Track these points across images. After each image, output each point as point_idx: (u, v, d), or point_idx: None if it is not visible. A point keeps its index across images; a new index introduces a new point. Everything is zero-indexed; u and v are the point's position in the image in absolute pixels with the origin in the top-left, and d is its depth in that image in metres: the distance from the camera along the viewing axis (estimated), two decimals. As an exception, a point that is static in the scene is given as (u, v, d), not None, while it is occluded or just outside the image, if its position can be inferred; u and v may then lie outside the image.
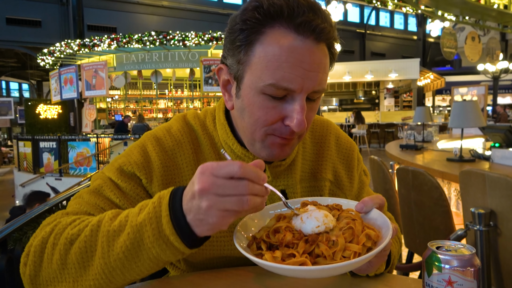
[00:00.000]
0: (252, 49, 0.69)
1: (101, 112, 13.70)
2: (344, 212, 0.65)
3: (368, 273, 0.71)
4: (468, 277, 0.54)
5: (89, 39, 10.22)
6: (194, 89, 13.05)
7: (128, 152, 0.81)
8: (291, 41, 0.66)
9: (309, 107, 0.72)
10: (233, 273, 0.77)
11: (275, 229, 0.62)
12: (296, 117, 0.68)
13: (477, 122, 2.77)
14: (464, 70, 19.54)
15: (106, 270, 0.60)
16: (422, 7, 9.60)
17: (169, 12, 17.99)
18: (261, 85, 0.68)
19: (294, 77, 0.66)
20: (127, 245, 0.58)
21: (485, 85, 7.90)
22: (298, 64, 0.66)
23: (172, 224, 0.56)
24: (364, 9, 22.85)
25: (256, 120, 0.72)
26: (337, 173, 0.90)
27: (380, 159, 2.53)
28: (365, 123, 12.69)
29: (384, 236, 0.60)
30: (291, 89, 0.67)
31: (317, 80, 0.68)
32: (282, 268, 0.54)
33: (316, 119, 0.94)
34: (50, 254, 0.63)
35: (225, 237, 0.80)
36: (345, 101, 20.29)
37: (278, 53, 0.66)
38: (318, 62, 0.68)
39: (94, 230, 0.62)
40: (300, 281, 0.72)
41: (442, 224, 1.92)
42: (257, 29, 0.68)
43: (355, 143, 0.96)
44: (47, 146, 9.70)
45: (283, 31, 0.66)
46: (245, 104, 0.73)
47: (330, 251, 0.57)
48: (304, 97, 0.69)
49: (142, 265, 0.59)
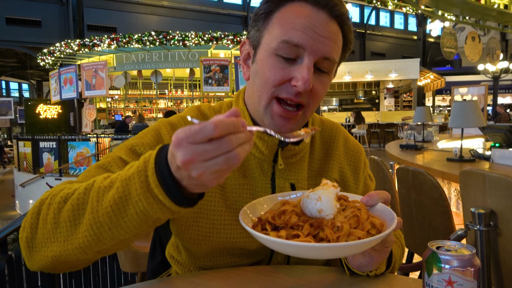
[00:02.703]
0: (271, 16, 0.75)
1: (101, 112, 13.70)
2: (351, 203, 0.66)
3: (368, 269, 0.71)
4: (468, 277, 0.54)
5: (89, 39, 10.22)
6: (194, 89, 13.04)
7: (142, 134, 0.83)
8: (306, 10, 0.72)
9: (318, 79, 0.74)
10: (233, 273, 0.77)
11: (281, 211, 0.63)
12: (302, 75, 0.70)
13: (477, 122, 2.77)
14: (464, 70, 19.52)
15: (94, 226, 0.59)
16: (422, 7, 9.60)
17: (169, 12, 17.98)
18: (274, 45, 0.73)
19: (306, 36, 0.71)
20: (115, 199, 0.57)
21: (485, 85, 7.90)
22: (310, 27, 0.71)
23: (157, 176, 0.54)
24: (364, 9, 22.84)
25: (265, 80, 0.74)
26: (343, 173, 0.92)
27: (380, 159, 2.53)
28: (365, 123, 12.70)
29: (389, 225, 0.60)
30: (302, 45, 0.70)
31: (328, 47, 0.72)
32: (286, 244, 0.54)
33: (325, 121, 0.97)
34: (45, 214, 0.63)
35: (231, 225, 0.80)
36: (345, 101, 20.29)
37: (293, 17, 0.72)
38: (330, 31, 0.72)
39: (88, 189, 0.62)
40: (301, 281, 0.72)
41: (442, 224, 1.92)
42: (279, 2, 0.75)
43: (362, 147, 0.98)
44: (47, 146, 9.70)
45: (301, 4, 0.73)
46: (258, 67, 0.76)
47: (334, 235, 0.58)
48: (313, 61, 0.72)
49: (129, 220, 0.57)
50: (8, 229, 1.91)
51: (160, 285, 0.74)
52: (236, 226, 0.80)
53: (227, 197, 0.81)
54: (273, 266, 0.81)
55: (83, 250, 0.61)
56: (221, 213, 0.80)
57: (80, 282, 2.47)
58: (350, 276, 0.75)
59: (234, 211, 0.81)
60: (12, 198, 11.10)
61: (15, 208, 10.68)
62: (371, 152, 12.00)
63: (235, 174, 0.82)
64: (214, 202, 0.80)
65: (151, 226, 0.61)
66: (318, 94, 0.76)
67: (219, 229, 0.80)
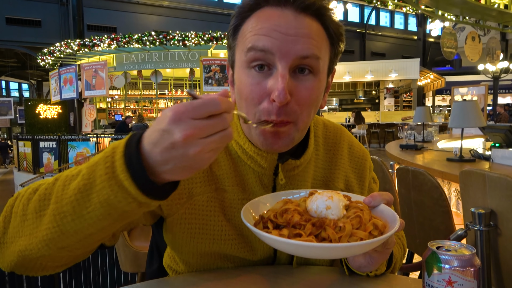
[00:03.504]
0: (238, 30, 0.72)
1: (101, 112, 13.70)
2: (353, 203, 0.66)
3: (369, 270, 0.71)
4: (468, 277, 0.54)
5: (89, 39, 10.23)
6: (194, 89, 13.05)
7: None
8: (269, 13, 0.68)
9: (301, 84, 0.68)
10: (233, 274, 0.77)
11: (283, 210, 0.62)
12: (276, 86, 0.65)
13: (477, 122, 2.77)
14: (464, 70, 19.52)
15: (58, 217, 0.55)
16: (422, 7, 9.60)
17: (169, 12, 17.99)
18: (243, 57, 0.69)
19: (270, 39, 0.66)
20: (79, 187, 0.53)
21: (485, 85, 7.90)
22: (274, 29, 0.66)
23: (124, 160, 0.51)
24: (364, 9, 22.84)
25: (245, 100, 0.70)
26: (349, 182, 0.88)
27: (380, 159, 2.53)
28: (365, 123, 12.70)
29: (391, 228, 0.60)
30: (268, 49, 0.65)
31: (301, 44, 0.66)
32: (288, 243, 0.54)
33: (329, 125, 0.92)
34: (16, 206, 0.61)
35: (232, 240, 0.78)
36: (345, 101, 20.30)
37: (257, 23, 0.68)
38: (299, 27, 0.66)
39: (57, 178, 0.59)
40: (301, 281, 0.72)
41: (442, 224, 1.92)
42: (245, 15, 0.71)
43: (367, 151, 0.94)
44: (47, 146, 9.70)
45: (264, 10, 0.69)
46: (237, 86, 0.73)
47: (336, 235, 0.57)
48: (287, 65, 0.66)
49: (93, 211, 0.53)
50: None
51: (160, 285, 0.74)
52: (237, 240, 0.78)
53: (226, 211, 0.78)
54: (273, 266, 0.80)
55: (47, 244, 0.57)
56: (222, 228, 0.77)
57: (80, 282, 2.47)
58: (350, 276, 0.75)
59: (234, 225, 0.78)
60: (12, 198, 11.09)
61: (15, 208, 10.67)
62: (371, 152, 11.96)
63: (234, 189, 0.78)
64: (214, 217, 0.77)
65: (117, 221, 0.56)
66: (305, 101, 0.69)
67: (220, 244, 0.77)
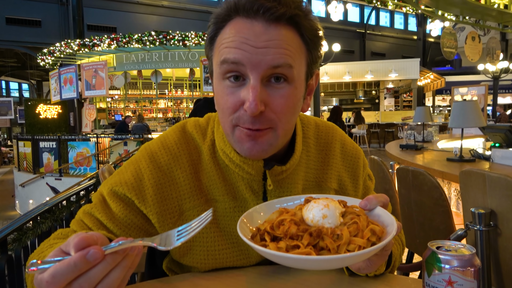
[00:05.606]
0: (214, 41, 0.73)
1: (101, 112, 13.70)
2: (349, 208, 0.65)
3: (368, 272, 0.71)
4: (468, 277, 0.54)
5: (89, 39, 10.23)
6: (194, 89, 13.05)
7: (123, 169, 0.81)
8: (241, 24, 0.69)
9: (276, 92, 0.69)
10: (233, 274, 0.77)
11: (280, 221, 0.61)
12: (247, 97, 0.66)
13: (477, 122, 2.77)
14: (464, 70, 19.52)
15: None
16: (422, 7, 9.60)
17: (169, 12, 17.98)
18: (218, 68, 0.71)
19: (241, 52, 0.67)
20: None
21: (485, 85, 7.90)
22: (244, 42, 0.67)
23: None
24: (364, 9, 22.84)
25: (221, 109, 0.72)
26: (342, 182, 0.88)
27: (380, 159, 2.53)
28: (365, 123, 12.70)
29: (389, 232, 0.59)
30: (239, 61, 0.66)
31: (272, 55, 0.66)
32: (287, 257, 0.54)
33: (321, 125, 0.91)
34: None
35: (226, 249, 0.79)
36: (345, 101, 20.30)
37: (229, 35, 0.69)
38: (270, 39, 0.67)
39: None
40: (301, 281, 0.72)
41: (442, 224, 1.92)
42: (219, 25, 0.72)
43: (360, 149, 0.93)
44: (47, 146, 9.70)
45: (237, 20, 0.69)
46: (215, 96, 0.74)
47: (334, 244, 0.57)
48: (259, 76, 0.67)
49: None
50: (8, 229, 1.91)
51: (160, 285, 0.74)
52: (231, 250, 0.78)
53: (219, 221, 0.79)
54: (273, 266, 0.80)
55: None
56: (215, 239, 0.78)
57: (80, 282, 2.46)
58: (350, 276, 0.75)
59: (227, 234, 0.79)
60: (12, 198, 11.10)
61: (15, 208, 10.68)
62: (371, 152, 12.00)
63: (224, 198, 0.79)
64: (207, 229, 0.77)
65: None
66: (281, 109, 0.69)
67: (214, 255, 0.78)
